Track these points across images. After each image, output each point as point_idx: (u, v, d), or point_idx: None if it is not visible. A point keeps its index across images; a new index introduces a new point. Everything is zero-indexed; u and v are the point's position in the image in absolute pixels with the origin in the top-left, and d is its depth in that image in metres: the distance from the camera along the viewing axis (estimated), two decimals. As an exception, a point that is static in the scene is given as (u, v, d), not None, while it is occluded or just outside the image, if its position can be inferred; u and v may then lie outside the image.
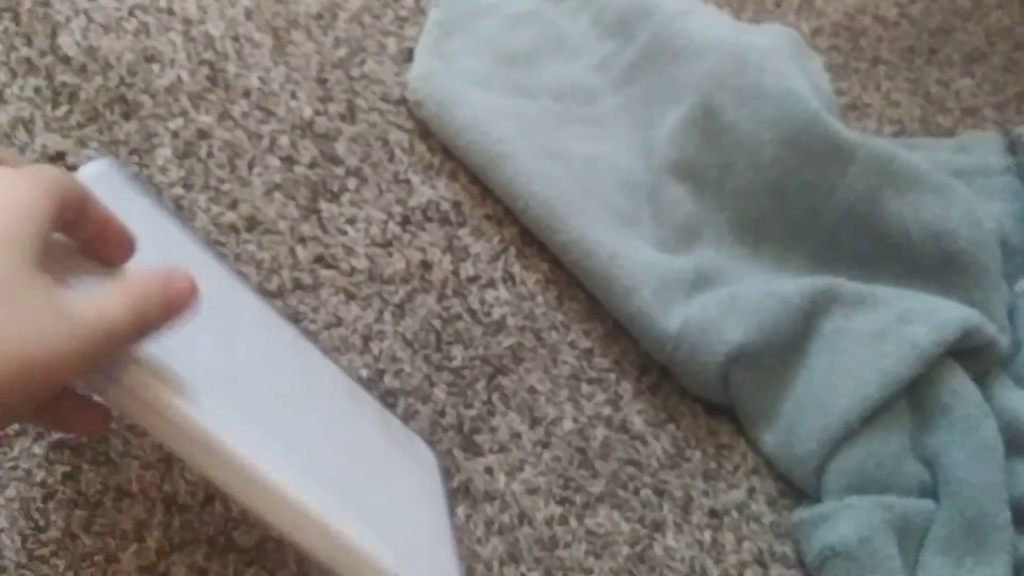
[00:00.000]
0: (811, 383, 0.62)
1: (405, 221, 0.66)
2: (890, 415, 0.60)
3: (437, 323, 0.62)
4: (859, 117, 0.87)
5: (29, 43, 0.65)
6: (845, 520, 0.57)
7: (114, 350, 0.33)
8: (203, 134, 0.65)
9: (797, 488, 0.62)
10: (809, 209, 0.67)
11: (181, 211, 0.60)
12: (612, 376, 0.64)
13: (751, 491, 0.61)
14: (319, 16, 0.74)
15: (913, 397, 0.61)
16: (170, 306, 0.35)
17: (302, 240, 0.62)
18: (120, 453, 0.51)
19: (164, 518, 0.50)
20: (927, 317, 0.61)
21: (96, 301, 0.32)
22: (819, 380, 0.61)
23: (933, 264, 0.65)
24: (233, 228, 0.61)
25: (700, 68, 0.71)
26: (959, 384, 0.61)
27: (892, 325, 0.61)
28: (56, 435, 0.51)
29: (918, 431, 0.61)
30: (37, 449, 0.50)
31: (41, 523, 0.48)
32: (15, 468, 0.50)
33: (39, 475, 0.50)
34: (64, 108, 0.63)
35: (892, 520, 0.57)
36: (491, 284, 0.65)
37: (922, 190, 0.65)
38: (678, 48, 0.73)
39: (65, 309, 0.31)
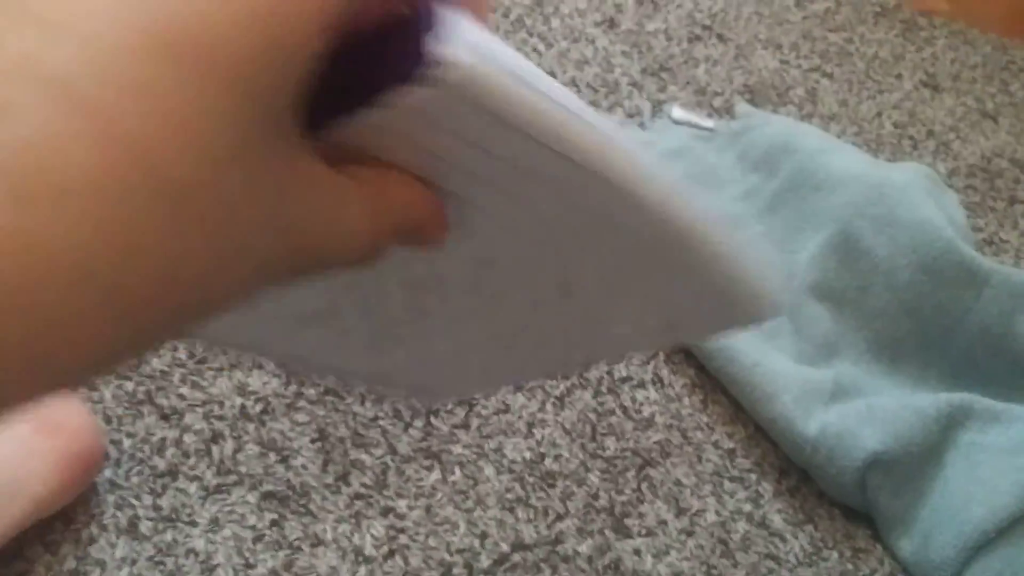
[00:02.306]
0: (947, 492, 0.65)
1: (566, 325, 0.73)
2: (1027, 527, 0.62)
3: (593, 416, 0.68)
4: (996, 252, 0.91)
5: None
6: (982, 624, 0.59)
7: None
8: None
9: (934, 595, 0.64)
10: (944, 330, 0.71)
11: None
12: (753, 476, 0.68)
13: (887, 593, 0.64)
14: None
15: (1050, 512, 0.63)
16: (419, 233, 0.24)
17: (476, 337, 0.71)
18: (318, 507, 0.59)
19: (352, 566, 0.57)
20: (1063, 434, 0.64)
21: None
22: (955, 489, 0.64)
23: (1069, 386, 0.68)
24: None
25: (839, 199, 0.78)
26: (1097, 501, 0.62)
27: (1028, 441, 0.64)
28: (266, 486, 0.60)
29: (1056, 545, 0.62)
30: (251, 498, 0.59)
31: (251, 561, 0.56)
32: (231, 512, 0.58)
33: (251, 519, 0.58)
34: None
35: (1030, 628, 0.59)
36: (642, 385, 0.71)
37: (1056, 315, 0.69)
38: (819, 181, 0.80)
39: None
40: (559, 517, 0.62)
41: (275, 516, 0.58)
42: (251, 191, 0.18)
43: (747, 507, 0.66)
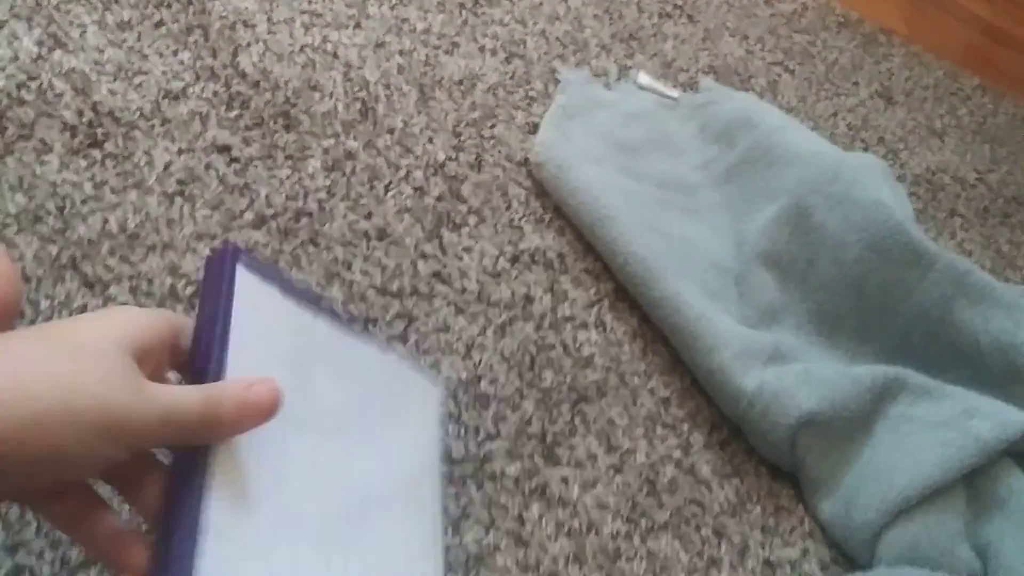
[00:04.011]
0: (874, 459, 0.65)
1: (514, 259, 0.72)
2: (947, 499, 0.63)
3: (533, 348, 0.67)
4: (933, 256, 0.93)
5: (214, 55, 0.74)
6: (897, 585, 0.59)
7: (180, 435, 0.36)
8: (350, 155, 0.73)
9: (849, 558, 0.64)
10: (885, 308, 0.72)
11: (323, 213, 0.68)
12: (685, 426, 0.68)
13: (805, 552, 0.64)
14: (460, 83, 0.83)
15: (970, 488, 0.64)
16: (243, 410, 0.37)
17: (424, 256, 0.69)
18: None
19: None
20: (991, 414, 0.65)
21: (175, 390, 0.36)
22: (882, 457, 0.65)
23: (999, 373, 0.69)
24: (366, 235, 0.68)
25: (795, 173, 0.78)
26: (1016, 481, 0.63)
27: (956, 417, 0.65)
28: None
29: (973, 520, 0.63)
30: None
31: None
32: None
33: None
34: (235, 112, 0.71)
35: (942, 594, 0.59)
36: (584, 326, 0.70)
37: (993, 304, 0.70)
38: (776, 156, 0.81)
39: (144, 385, 0.35)
40: (490, 437, 0.61)
41: None
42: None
43: (676, 454, 0.66)
